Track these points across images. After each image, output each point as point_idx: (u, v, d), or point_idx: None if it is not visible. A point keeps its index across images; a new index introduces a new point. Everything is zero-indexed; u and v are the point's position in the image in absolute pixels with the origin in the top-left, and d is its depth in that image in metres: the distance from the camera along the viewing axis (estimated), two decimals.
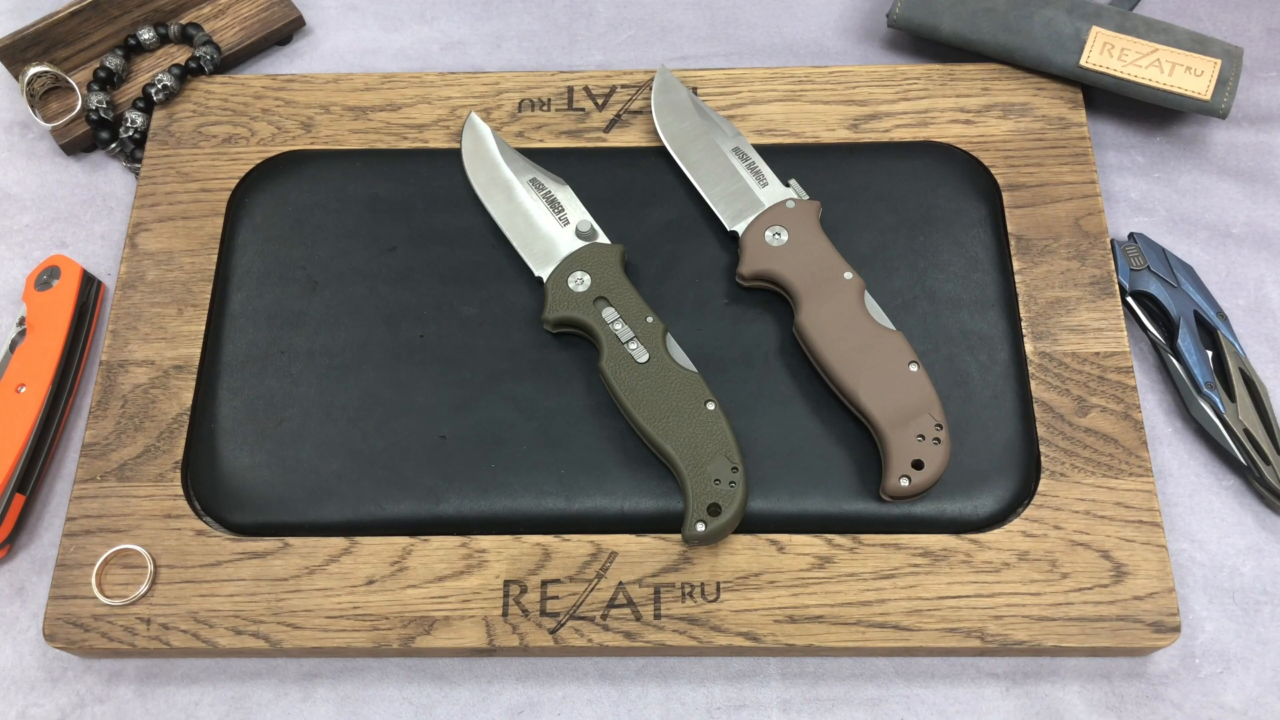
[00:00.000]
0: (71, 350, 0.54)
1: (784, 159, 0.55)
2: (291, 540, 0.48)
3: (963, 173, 0.55)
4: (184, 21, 0.62)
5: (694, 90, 0.57)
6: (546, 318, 0.51)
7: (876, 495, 0.48)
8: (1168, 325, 0.53)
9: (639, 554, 0.47)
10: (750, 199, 0.53)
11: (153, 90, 0.58)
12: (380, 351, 0.52)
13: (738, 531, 0.47)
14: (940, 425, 0.47)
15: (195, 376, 0.52)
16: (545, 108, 0.58)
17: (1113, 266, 0.53)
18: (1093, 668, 0.47)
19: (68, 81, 0.59)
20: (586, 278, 0.51)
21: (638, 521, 0.48)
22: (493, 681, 0.47)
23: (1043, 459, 0.49)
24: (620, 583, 0.47)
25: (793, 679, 0.47)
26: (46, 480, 0.52)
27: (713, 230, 0.54)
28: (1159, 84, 0.56)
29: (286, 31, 0.63)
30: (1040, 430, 0.49)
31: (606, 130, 0.57)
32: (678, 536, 0.47)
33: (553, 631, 0.46)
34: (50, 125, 0.59)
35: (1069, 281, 0.52)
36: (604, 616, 0.46)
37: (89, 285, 0.56)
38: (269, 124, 0.58)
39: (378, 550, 0.48)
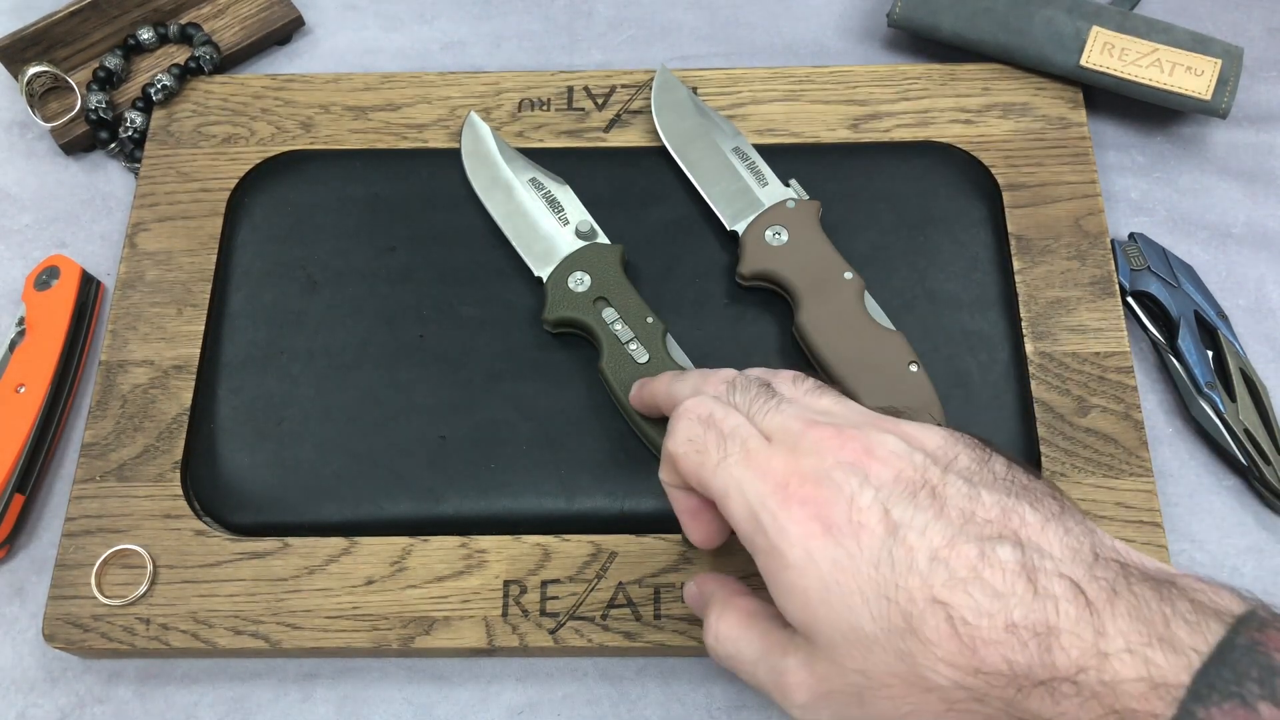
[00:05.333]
0: (71, 350, 0.54)
1: (784, 159, 0.55)
2: (291, 540, 0.48)
3: (963, 173, 0.55)
4: (183, 21, 0.62)
5: (694, 90, 0.57)
6: (546, 318, 0.51)
7: None
8: (1168, 325, 0.53)
9: (639, 554, 0.47)
10: (750, 199, 0.53)
11: (152, 90, 0.58)
12: (380, 351, 0.52)
13: None
14: (940, 425, 0.47)
15: (195, 376, 0.51)
16: (545, 108, 0.58)
17: (1113, 266, 0.53)
18: None
19: (67, 81, 0.59)
20: (586, 278, 0.51)
21: (638, 521, 0.48)
22: (493, 681, 0.47)
23: (1043, 459, 0.49)
24: (620, 583, 0.47)
25: None
26: (46, 480, 0.52)
27: (713, 230, 0.54)
28: (1159, 84, 0.56)
29: (286, 31, 0.63)
30: (1040, 430, 0.49)
31: (606, 130, 0.57)
32: (678, 536, 0.47)
33: (553, 631, 0.46)
34: (50, 125, 0.59)
35: (1069, 281, 0.52)
36: (604, 616, 0.46)
37: (88, 285, 0.56)
38: (268, 124, 0.58)
39: (377, 550, 0.48)
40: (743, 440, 0.35)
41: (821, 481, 0.33)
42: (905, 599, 0.31)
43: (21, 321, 0.54)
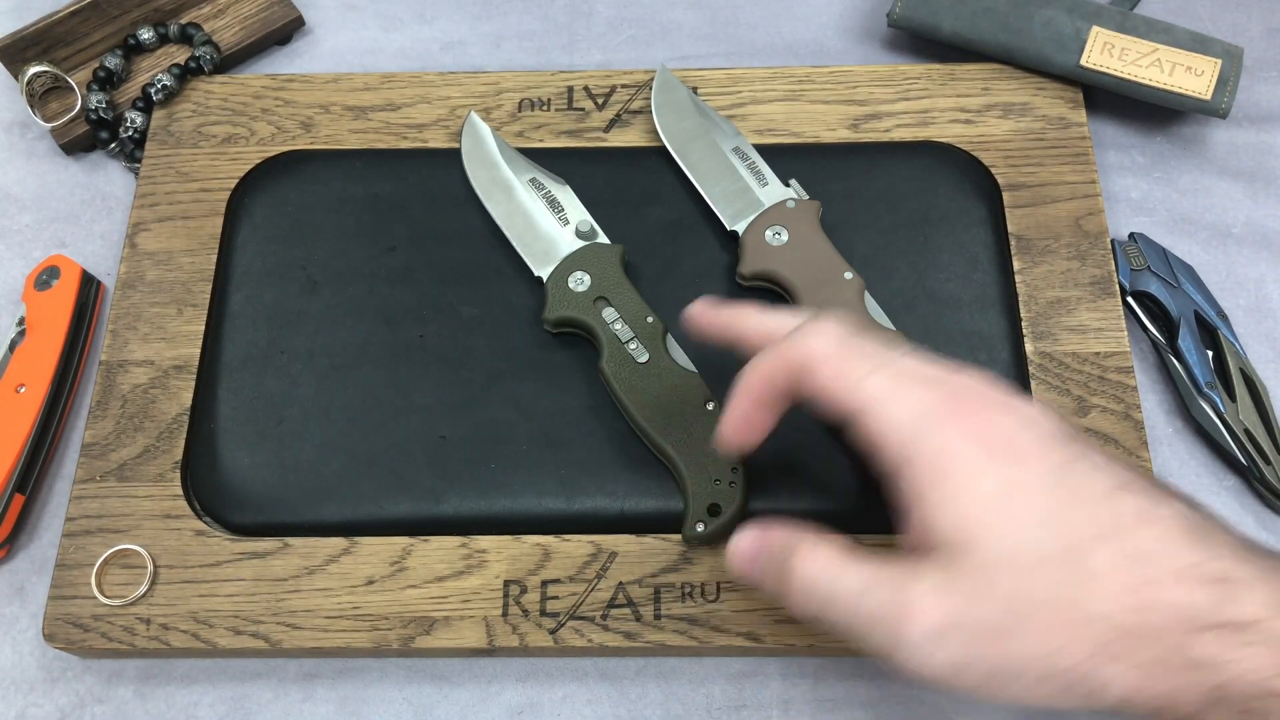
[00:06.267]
0: (71, 350, 0.54)
1: (784, 159, 0.55)
2: (291, 540, 0.48)
3: (963, 173, 0.55)
4: (184, 21, 0.62)
5: (694, 90, 0.57)
6: (546, 318, 0.51)
7: (876, 495, 0.48)
8: (1168, 325, 0.53)
9: (639, 554, 0.47)
10: (750, 199, 0.53)
11: (152, 90, 0.58)
12: (380, 351, 0.52)
13: None
14: None
15: (195, 376, 0.52)
16: (545, 108, 0.58)
17: (1113, 266, 0.53)
18: None
19: (67, 81, 0.59)
20: (586, 278, 0.51)
21: (638, 521, 0.48)
22: (493, 681, 0.47)
23: None
24: (620, 583, 0.47)
25: (793, 679, 0.47)
26: (46, 480, 0.52)
27: (713, 230, 0.54)
28: (1159, 84, 0.56)
29: (286, 31, 0.63)
30: None
31: (606, 130, 0.57)
32: (678, 537, 0.47)
33: (553, 631, 0.46)
34: (50, 125, 0.59)
35: (1069, 281, 0.52)
36: (604, 616, 0.46)
37: (89, 285, 0.56)
38: (269, 124, 0.58)
39: (378, 550, 0.48)
40: (892, 361, 0.35)
41: (987, 407, 0.33)
42: (1072, 530, 0.31)
43: (21, 321, 0.54)
